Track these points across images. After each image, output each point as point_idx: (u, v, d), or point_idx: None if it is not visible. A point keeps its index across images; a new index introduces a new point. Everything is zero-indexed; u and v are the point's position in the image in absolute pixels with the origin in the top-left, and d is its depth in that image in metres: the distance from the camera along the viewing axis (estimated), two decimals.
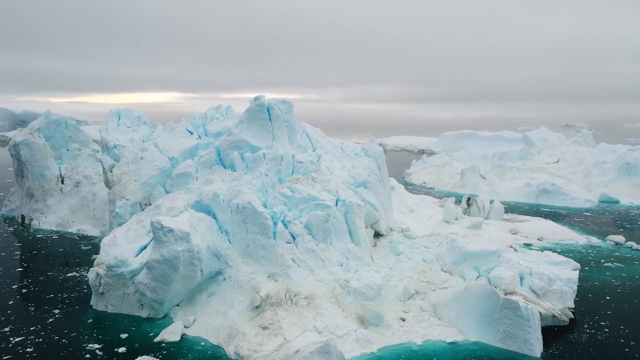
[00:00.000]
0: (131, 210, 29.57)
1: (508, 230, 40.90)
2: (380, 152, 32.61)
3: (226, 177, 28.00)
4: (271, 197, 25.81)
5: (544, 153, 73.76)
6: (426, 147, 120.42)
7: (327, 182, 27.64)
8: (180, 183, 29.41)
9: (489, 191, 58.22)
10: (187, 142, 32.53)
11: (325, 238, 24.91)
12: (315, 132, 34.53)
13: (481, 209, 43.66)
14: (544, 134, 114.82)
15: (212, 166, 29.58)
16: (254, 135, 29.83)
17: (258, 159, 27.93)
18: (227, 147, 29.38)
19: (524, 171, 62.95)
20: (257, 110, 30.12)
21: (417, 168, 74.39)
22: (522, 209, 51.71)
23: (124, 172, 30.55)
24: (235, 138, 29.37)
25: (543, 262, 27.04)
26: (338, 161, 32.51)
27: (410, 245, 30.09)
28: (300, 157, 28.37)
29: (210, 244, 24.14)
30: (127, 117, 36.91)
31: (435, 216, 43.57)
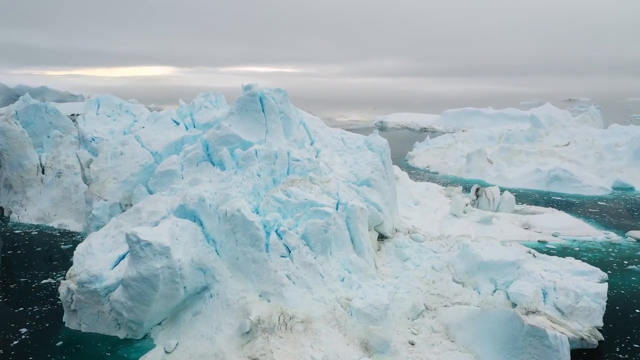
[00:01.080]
0: (110, 212, 26.76)
1: (520, 224, 38.20)
2: (384, 145, 29.64)
3: (214, 177, 25.09)
4: (264, 202, 22.96)
5: (553, 134, 70.68)
6: (428, 125, 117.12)
7: (326, 183, 24.76)
8: (164, 182, 26.53)
9: (496, 177, 55.37)
10: (173, 134, 29.53)
11: (324, 249, 22.15)
12: (313, 122, 31.50)
13: (491, 200, 40.88)
14: (549, 111, 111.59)
15: (199, 163, 26.66)
16: (245, 129, 26.82)
17: (249, 157, 24.99)
18: (215, 142, 26.40)
19: (533, 155, 59.98)
20: (249, 101, 27.06)
21: (420, 150, 71.41)
22: (533, 197, 48.95)
23: (101, 168, 27.62)
24: (224, 132, 26.37)
25: (567, 271, 24.36)
26: (339, 155, 29.57)
27: (418, 250, 27.37)
28: (296, 154, 25.42)
29: (194, 257, 21.39)
30: (107, 105, 33.75)
31: (442, 208, 40.84)
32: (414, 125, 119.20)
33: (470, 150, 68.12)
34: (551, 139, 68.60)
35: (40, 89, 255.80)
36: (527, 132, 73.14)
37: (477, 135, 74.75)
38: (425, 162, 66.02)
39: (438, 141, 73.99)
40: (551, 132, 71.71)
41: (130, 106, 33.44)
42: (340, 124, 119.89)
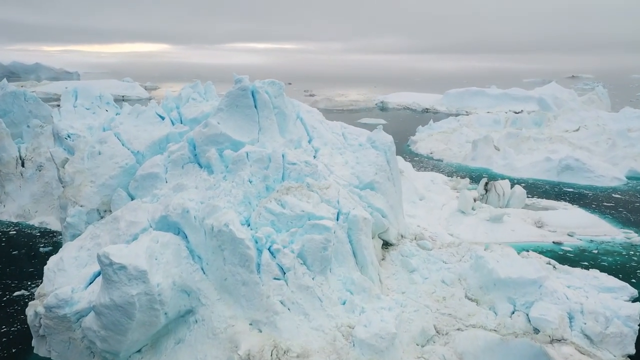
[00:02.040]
0: (87, 219, 24.20)
1: (532, 221, 35.75)
2: (389, 142, 26.97)
3: (200, 182, 22.48)
4: (255, 214, 20.39)
5: (561, 118, 67.79)
6: (430, 106, 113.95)
7: (325, 190, 22.16)
8: (146, 186, 23.91)
9: (504, 165, 52.78)
10: (157, 130, 26.78)
11: (323, 269, 19.66)
12: (311, 117, 28.75)
13: (501, 195, 38.36)
14: (554, 91, 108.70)
15: (184, 165, 24.01)
16: (235, 127, 24.11)
17: (240, 160, 22.36)
18: (202, 142, 23.73)
19: (542, 141, 57.29)
20: (240, 96, 24.29)
21: (423, 135, 68.60)
22: (543, 188, 46.44)
23: (77, 170, 24.95)
24: (212, 131, 23.67)
25: (592, 288, 21.98)
26: (339, 154, 26.91)
27: (426, 260, 24.94)
28: (292, 156, 22.76)
29: (177, 278, 18.91)
30: (86, 96, 30.84)
31: (449, 204, 38.35)
32: (415, 105, 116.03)
33: (475, 135, 65.45)
34: (560, 123, 65.75)
35: (35, 66, 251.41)
36: (534, 116, 70.30)
37: (483, 119, 71.84)
38: (429, 147, 63.30)
39: (442, 125, 71.11)
40: (560, 116, 68.81)
41: (110, 97, 30.50)
42: (339, 104, 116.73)
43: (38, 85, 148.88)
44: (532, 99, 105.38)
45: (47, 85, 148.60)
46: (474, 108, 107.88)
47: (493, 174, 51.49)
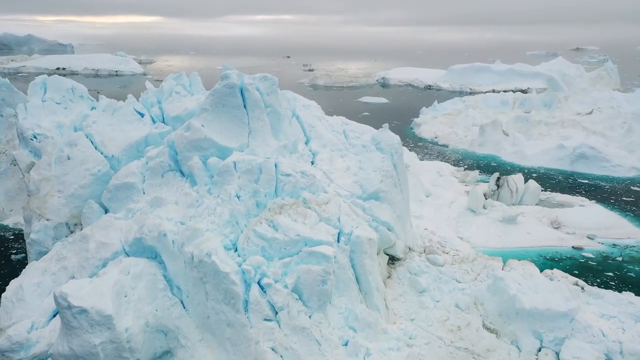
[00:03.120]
0: (54, 235, 21.39)
1: (548, 221, 32.99)
2: (396, 143, 24.00)
3: (181, 196, 19.59)
4: (243, 238, 17.57)
5: (573, 100, 64.55)
6: (433, 83, 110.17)
7: (324, 205, 19.32)
8: (120, 198, 21.04)
9: (513, 153, 49.78)
10: (135, 130, 23.75)
11: (322, 305, 16.95)
12: (309, 113, 25.72)
13: (514, 191, 35.51)
14: (561, 66, 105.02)
15: (164, 174, 21.11)
16: (222, 130, 21.13)
17: (226, 171, 19.46)
18: (184, 148, 20.78)
19: (554, 126, 54.16)
20: (226, 94, 21.24)
21: (427, 117, 65.37)
22: (555, 179, 43.57)
23: (43, 177, 22.02)
24: (195, 135, 20.70)
25: (629, 317, 19.30)
26: (340, 156, 23.96)
27: (437, 278, 22.26)
28: (286, 166, 19.84)
29: (151, 318, 16.21)
30: (56, 89, 27.55)
31: (457, 201, 35.54)
32: (417, 82, 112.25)
33: (481, 117, 62.36)
34: (571, 105, 62.52)
35: (27, 37, 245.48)
36: (544, 97, 67.05)
37: (489, 99, 68.53)
38: (433, 131, 60.15)
39: (446, 106, 67.85)
40: (571, 97, 65.57)
41: (84, 89, 27.22)
42: (339, 80, 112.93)
43: (28, 59, 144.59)
44: (539, 76, 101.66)
45: (38, 60, 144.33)
46: (479, 85, 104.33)
47: (502, 162, 48.61)
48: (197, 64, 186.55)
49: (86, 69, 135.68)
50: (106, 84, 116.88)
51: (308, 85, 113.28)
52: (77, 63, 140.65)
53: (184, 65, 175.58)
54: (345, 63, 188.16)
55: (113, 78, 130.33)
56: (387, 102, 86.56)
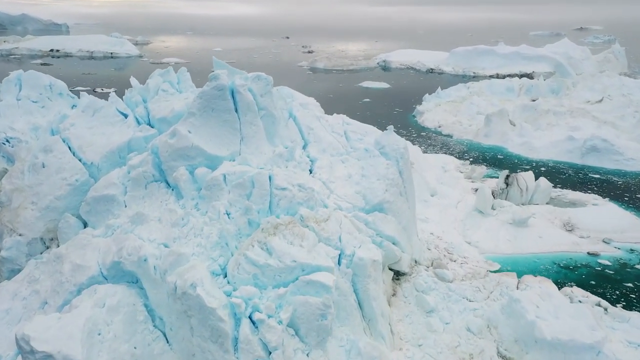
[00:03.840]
0: (28, 251, 19.56)
1: (561, 223, 31.18)
2: (401, 148, 22.03)
3: (166, 213, 17.69)
4: (233, 263, 15.74)
5: (581, 86, 62.25)
6: (435, 66, 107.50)
7: (324, 223, 17.46)
8: (100, 211, 19.16)
9: (520, 144, 47.77)
10: (117, 134, 21.75)
11: (321, 341, 15.17)
12: (307, 113, 23.71)
13: (524, 190, 33.63)
14: (567, 49, 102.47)
15: (148, 184, 19.20)
16: (211, 137, 19.17)
17: (215, 185, 17.57)
18: (169, 157, 18.84)
19: (562, 115, 52.02)
20: (215, 97, 19.22)
21: (430, 104, 63.17)
22: (565, 173, 41.67)
23: (16, 187, 20.09)
24: (181, 143, 18.73)
25: None
26: (341, 161, 22.02)
27: (446, 296, 20.50)
28: (282, 177, 17.93)
29: (128, 357, 14.45)
30: (32, 86, 25.37)
31: (464, 200, 33.69)
32: (420, 65, 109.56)
33: (486, 105, 60.23)
34: (580, 92, 60.26)
35: (21, 17, 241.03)
36: (551, 83, 64.80)
37: (494, 86, 66.24)
38: (437, 120, 58.03)
39: (450, 93, 65.60)
40: (579, 83, 63.26)
41: (63, 86, 25.01)
42: (339, 63, 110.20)
43: (21, 41, 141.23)
44: (544, 59, 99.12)
45: (31, 41, 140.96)
46: (482, 68, 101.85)
47: (509, 155, 46.65)
48: (194, 44, 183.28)
49: (80, 50, 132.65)
50: (101, 66, 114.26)
51: (307, 68, 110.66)
52: (71, 45, 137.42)
53: (180, 47, 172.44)
54: (345, 44, 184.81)
55: (108, 60, 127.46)
56: (388, 87, 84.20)
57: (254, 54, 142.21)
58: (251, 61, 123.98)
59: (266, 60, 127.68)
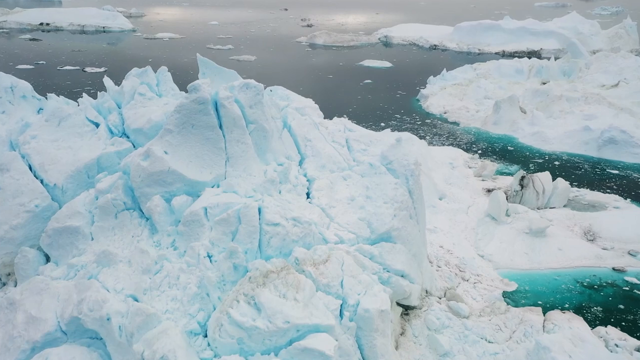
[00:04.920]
0: None
1: (581, 231, 28.62)
2: (412, 164, 19.22)
3: (137, 254, 15.03)
4: (215, 324, 13.15)
5: (595, 68, 59.04)
6: (439, 42, 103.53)
7: (323, 265, 14.84)
8: (63, 244, 16.50)
9: (532, 134, 44.88)
10: (86, 148, 18.91)
11: None
12: (304, 121, 20.83)
13: (540, 193, 30.94)
14: (575, 23, 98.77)
15: (118, 213, 16.49)
16: (192, 158, 16.39)
17: (194, 221, 14.89)
18: (142, 182, 16.10)
19: (576, 102, 48.94)
20: (196, 111, 16.37)
21: (434, 87, 59.98)
22: (581, 168, 38.93)
23: None
24: (155, 166, 15.96)
25: None
26: (343, 179, 19.24)
27: (462, 336, 18.03)
28: (273, 209, 15.23)
29: None
30: None
31: (475, 204, 31.05)
32: (422, 41, 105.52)
33: (494, 88, 57.21)
34: (594, 75, 57.09)
35: None
36: (562, 64, 61.50)
37: (502, 67, 62.92)
38: (442, 105, 54.96)
39: (456, 76, 62.32)
40: (593, 65, 60.03)
41: (28, 87, 22.01)
42: (339, 39, 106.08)
43: (10, 14, 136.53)
44: (552, 35, 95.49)
45: (20, 14, 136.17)
46: (487, 45, 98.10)
47: (519, 146, 43.84)
48: (190, 17, 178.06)
49: (72, 24, 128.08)
50: (92, 41, 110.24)
51: (306, 44, 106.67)
52: (62, 18, 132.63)
53: (175, 19, 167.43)
54: (345, 16, 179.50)
55: (100, 35, 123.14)
56: (390, 67, 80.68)
57: (251, 28, 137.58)
58: (248, 37, 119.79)
59: (263, 35, 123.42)
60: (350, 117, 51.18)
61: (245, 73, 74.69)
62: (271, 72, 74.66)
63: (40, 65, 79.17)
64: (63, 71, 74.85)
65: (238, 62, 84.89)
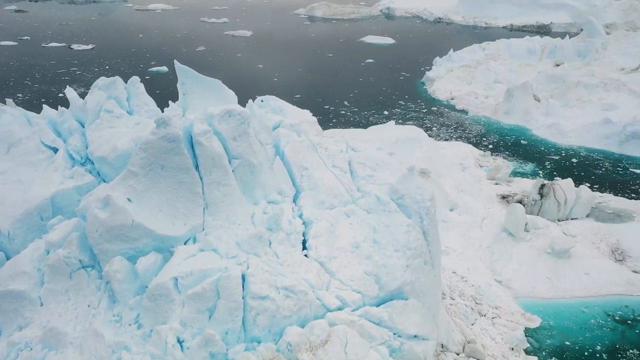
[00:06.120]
0: None
1: (608, 249, 25.80)
2: (427, 200, 16.23)
3: (90, 337, 12.17)
4: None
5: (613, 48, 55.37)
6: (444, 15, 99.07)
7: (322, 349, 12.03)
8: (6, 311, 13.63)
9: (547, 127, 41.67)
10: (39, 183, 15.85)
11: None
12: (300, 145, 17.67)
13: (562, 203, 27.99)
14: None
15: (73, 273, 13.59)
16: (162, 207, 13.40)
17: (162, 295, 12.02)
18: (100, 238, 13.14)
19: (594, 89, 45.59)
20: (166, 150, 13.29)
21: (441, 70, 56.36)
22: (602, 166, 35.92)
23: None
24: (116, 219, 12.97)
25: None
26: (345, 216, 16.29)
27: None
28: (261, 278, 12.33)
29: None
30: None
31: (490, 217, 28.13)
32: (426, 14, 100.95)
33: (505, 71, 53.76)
34: (612, 56, 53.43)
35: None
36: (577, 44, 57.85)
37: (513, 48, 59.18)
38: (449, 90, 51.51)
39: (463, 56, 58.66)
40: (610, 45, 56.31)
41: None
42: (339, 11, 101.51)
43: None
44: (563, 7, 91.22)
45: None
46: (495, 18, 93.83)
47: (533, 139, 40.73)
48: None
49: None
50: (81, 13, 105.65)
51: (305, 16, 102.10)
52: None
53: None
54: None
55: (90, 5, 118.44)
56: (393, 43, 76.67)
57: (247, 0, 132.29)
58: (244, 8, 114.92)
59: (260, 6, 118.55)
60: (352, 103, 47.92)
61: (239, 52, 70.87)
62: (267, 51, 70.76)
63: (24, 42, 75.20)
64: (48, 49, 70.91)
65: (233, 37, 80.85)
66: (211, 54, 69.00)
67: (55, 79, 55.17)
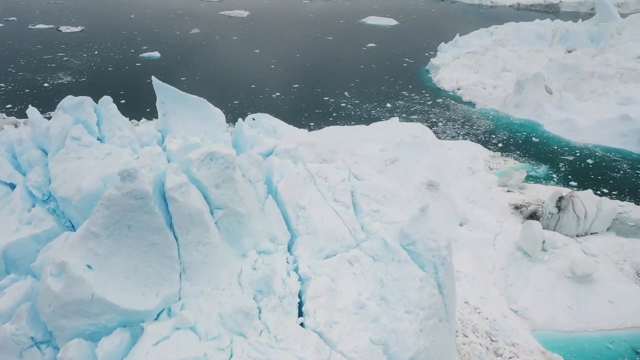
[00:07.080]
0: None
1: (633, 271, 23.79)
2: (443, 248, 14.01)
3: None
4: None
5: (629, 33, 52.51)
6: None
7: None
8: None
9: (560, 122, 39.23)
10: None
11: None
12: (295, 178, 15.35)
13: (581, 218, 25.80)
14: None
15: (23, 352, 11.45)
16: (128, 273, 11.18)
17: None
18: (54, 314, 10.94)
19: (610, 80, 43.03)
20: (132, 208, 10.98)
21: (446, 57, 53.55)
22: (619, 168, 33.66)
23: None
24: (73, 292, 10.76)
25: None
26: (349, 264, 14.09)
27: None
28: None
29: None
30: None
31: (504, 233, 25.95)
32: None
33: (513, 58, 51.11)
34: (627, 43, 50.60)
35: None
36: (590, 28, 54.92)
37: (522, 32, 56.27)
38: (455, 79, 48.85)
39: (470, 42, 55.79)
40: (625, 29, 53.39)
41: None
42: None
43: None
44: None
45: None
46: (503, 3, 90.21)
47: (545, 137, 38.38)
48: None
49: None
50: None
51: None
52: None
53: None
54: None
55: None
56: (396, 25, 73.49)
57: None
58: None
59: None
60: (353, 95, 45.35)
61: (235, 34, 67.58)
62: (264, 34, 67.63)
63: (10, 23, 71.95)
64: (35, 30, 67.77)
65: (229, 18, 77.53)
66: (205, 37, 65.91)
67: (41, 66, 52.36)
